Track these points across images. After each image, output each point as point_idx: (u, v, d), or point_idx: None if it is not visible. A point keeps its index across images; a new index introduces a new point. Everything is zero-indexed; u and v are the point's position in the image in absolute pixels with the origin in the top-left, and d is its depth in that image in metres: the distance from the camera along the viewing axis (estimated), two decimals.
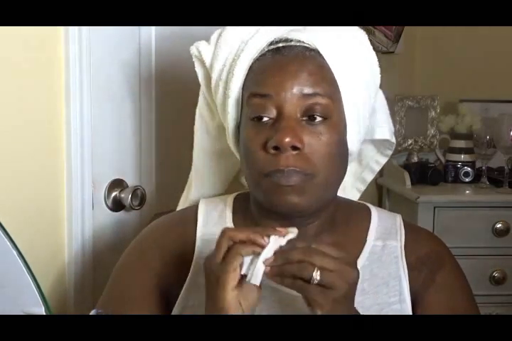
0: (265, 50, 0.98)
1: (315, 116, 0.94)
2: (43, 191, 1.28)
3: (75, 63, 1.29)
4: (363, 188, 1.19)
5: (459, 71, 2.66)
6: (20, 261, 0.82)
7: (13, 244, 0.83)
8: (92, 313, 0.85)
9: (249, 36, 0.99)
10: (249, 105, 0.96)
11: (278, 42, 0.97)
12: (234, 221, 1.05)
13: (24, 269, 0.82)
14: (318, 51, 0.96)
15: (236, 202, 1.08)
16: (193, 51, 1.05)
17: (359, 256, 1.02)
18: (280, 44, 0.97)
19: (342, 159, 0.98)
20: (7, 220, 0.87)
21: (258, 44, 0.98)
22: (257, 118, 0.95)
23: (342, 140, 0.97)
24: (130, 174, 1.47)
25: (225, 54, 1.01)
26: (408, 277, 1.01)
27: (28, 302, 0.83)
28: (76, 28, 1.28)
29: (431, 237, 1.09)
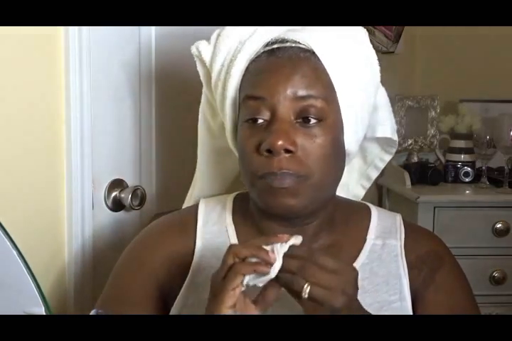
0: (261, 52, 0.97)
1: (309, 118, 0.93)
2: (43, 191, 1.28)
3: (75, 63, 1.29)
4: (368, 185, 1.18)
5: (459, 71, 2.66)
6: (20, 261, 0.82)
7: (13, 244, 0.82)
8: (92, 313, 0.84)
9: (246, 36, 0.99)
10: (244, 107, 0.97)
11: (274, 43, 0.97)
12: (234, 220, 1.05)
13: (24, 269, 0.82)
14: (313, 52, 0.95)
15: (236, 202, 1.08)
16: (194, 51, 1.05)
17: (359, 255, 1.02)
18: (275, 45, 0.97)
19: (338, 160, 0.98)
20: (7, 220, 0.86)
21: (254, 45, 0.98)
22: (252, 120, 0.95)
23: (338, 141, 0.97)
24: (130, 174, 1.47)
25: (224, 54, 1.01)
26: (408, 275, 1.01)
27: (28, 302, 0.83)
28: (76, 28, 1.28)
29: (431, 236, 1.10)
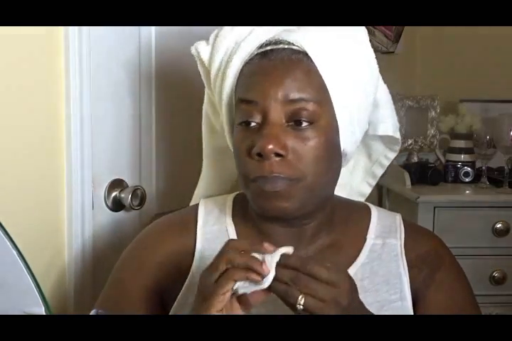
0: (254, 53, 0.97)
1: (301, 121, 0.93)
2: (43, 191, 1.28)
3: (75, 63, 1.29)
4: (374, 183, 1.18)
5: (459, 71, 2.66)
6: (20, 261, 0.82)
7: (13, 244, 0.83)
8: (92, 313, 0.85)
9: (242, 37, 0.98)
10: (238, 110, 0.97)
11: (268, 44, 0.96)
12: (234, 220, 1.05)
13: (24, 269, 0.82)
14: (306, 53, 0.94)
15: (236, 202, 1.08)
16: (193, 51, 1.05)
17: (359, 254, 1.02)
18: (269, 47, 0.96)
19: (332, 161, 0.97)
20: (7, 220, 0.87)
21: (249, 47, 0.97)
22: (245, 123, 0.95)
23: (332, 142, 0.96)
24: (130, 174, 1.47)
25: (221, 55, 1.01)
26: (408, 275, 1.01)
27: (29, 302, 0.83)
28: (76, 28, 1.28)
29: (430, 236, 1.10)
